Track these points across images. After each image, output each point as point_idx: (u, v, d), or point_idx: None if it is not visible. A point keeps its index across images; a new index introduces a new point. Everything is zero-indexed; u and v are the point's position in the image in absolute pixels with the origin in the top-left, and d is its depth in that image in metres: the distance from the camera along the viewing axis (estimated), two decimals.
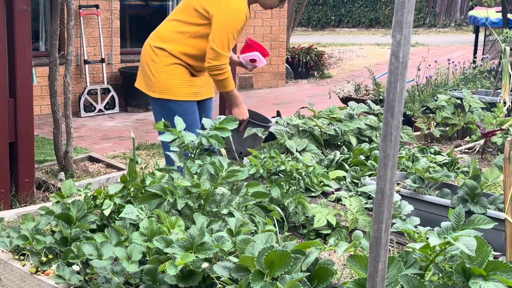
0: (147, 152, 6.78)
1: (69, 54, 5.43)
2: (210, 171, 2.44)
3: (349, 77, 11.34)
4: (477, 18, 10.13)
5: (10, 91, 4.42)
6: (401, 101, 1.40)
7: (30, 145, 4.55)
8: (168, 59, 3.60)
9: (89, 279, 2.06)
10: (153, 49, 3.65)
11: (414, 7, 1.36)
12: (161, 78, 3.61)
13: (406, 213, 2.44)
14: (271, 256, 1.75)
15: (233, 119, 2.81)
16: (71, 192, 2.42)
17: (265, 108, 9.15)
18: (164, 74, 3.60)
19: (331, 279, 1.80)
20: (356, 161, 3.33)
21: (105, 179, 5.21)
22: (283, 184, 2.71)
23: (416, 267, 1.81)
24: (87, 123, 8.50)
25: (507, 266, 1.71)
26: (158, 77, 3.62)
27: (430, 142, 4.42)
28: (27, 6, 4.35)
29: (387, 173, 1.42)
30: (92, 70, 9.11)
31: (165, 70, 3.60)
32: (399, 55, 1.37)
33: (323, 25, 22.33)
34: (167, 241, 1.94)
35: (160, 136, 2.84)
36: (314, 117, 3.83)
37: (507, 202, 2.07)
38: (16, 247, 2.29)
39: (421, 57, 7.54)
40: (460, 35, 17.86)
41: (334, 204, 2.84)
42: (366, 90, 7.36)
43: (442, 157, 3.37)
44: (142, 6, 10.73)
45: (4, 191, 4.40)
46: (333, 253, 2.46)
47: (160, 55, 3.61)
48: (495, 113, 4.27)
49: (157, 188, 2.29)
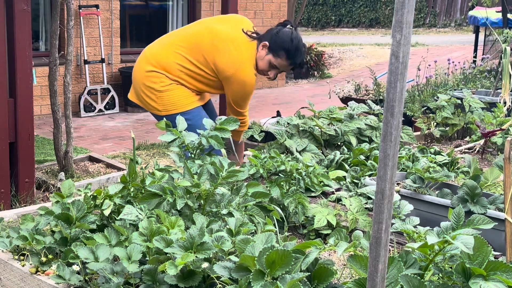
0: (147, 152, 6.78)
1: (69, 54, 5.43)
2: (210, 171, 2.44)
3: (349, 77, 11.34)
4: (477, 18, 10.13)
5: (10, 91, 4.42)
6: (401, 101, 1.40)
7: (30, 145, 4.56)
8: (168, 80, 3.54)
9: (89, 279, 2.06)
10: (148, 75, 3.56)
11: (414, 7, 1.36)
12: (164, 97, 3.54)
13: (405, 213, 2.44)
14: (272, 256, 1.75)
15: (233, 119, 2.81)
16: (71, 192, 2.42)
17: (265, 108, 9.15)
18: (166, 92, 3.54)
19: (331, 279, 1.80)
20: (356, 161, 3.33)
21: (105, 179, 5.21)
22: (283, 184, 2.71)
23: (416, 267, 1.81)
24: (87, 123, 8.50)
25: (507, 266, 1.71)
26: (160, 98, 3.54)
27: (430, 142, 4.42)
28: (27, 6, 4.35)
29: (387, 173, 1.42)
30: (92, 70, 9.11)
31: (166, 89, 3.54)
32: (399, 55, 1.37)
33: (323, 25, 22.33)
34: (167, 241, 1.94)
35: (160, 136, 2.84)
36: (314, 117, 3.83)
37: (507, 202, 2.07)
38: (16, 247, 2.29)
39: (421, 57, 7.55)
40: (460, 35, 17.86)
41: (334, 204, 2.84)
42: (366, 90, 7.36)
43: (442, 157, 3.37)
44: (142, 6, 10.73)
45: (4, 191, 4.41)
46: (333, 253, 2.46)
47: (159, 77, 3.54)
48: (495, 113, 4.27)
49: (157, 187, 2.29)
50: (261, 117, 6.66)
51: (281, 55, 3.43)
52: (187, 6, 10.39)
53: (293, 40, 3.44)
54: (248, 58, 3.46)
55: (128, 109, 9.24)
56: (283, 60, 3.44)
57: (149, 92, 3.57)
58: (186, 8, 10.41)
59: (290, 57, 3.44)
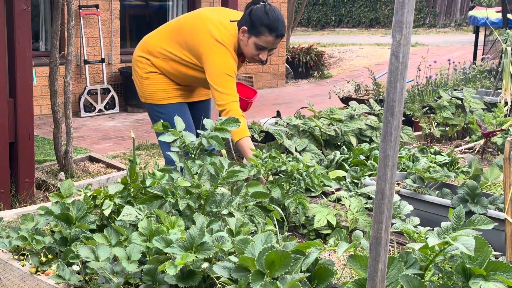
0: (147, 152, 6.78)
1: (70, 54, 5.43)
2: (210, 171, 2.44)
3: (349, 77, 11.34)
4: (477, 18, 10.12)
5: (10, 91, 4.42)
6: (401, 101, 1.40)
7: (30, 145, 4.55)
8: (150, 68, 3.58)
9: (89, 279, 2.06)
10: (136, 59, 3.65)
11: (414, 7, 1.36)
12: (144, 84, 3.61)
13: (405, 213, 2.44)
14: (271, 256, 1.75)
15: (234, 120, 2.80)
16: (71, 192, 2.41)
17: (265, 108, 9.15)
18: (146, 80, 3.59)
19: (331, 279, 1.80)
20: (356, 161, 3.33)
21: (105, 179, 5.21)
22: (283, 184, 2.71)
23: (416, 267, 1.81)
24: (87, 123, 8.50)
25: (507, 266, 1.71)
26: (141, 84, 3.62)
27: (430, 142, 4.42)
28: (27, 6, 4.35)
29: (387, 173, 1.42)
30: (92, 70, 9.11)
31: (146, 76, 3.58)
32: (399, 55, 1.37)
33: (323, 25, 22.32)
34: (167, 241, 1.94)
35: (161, 137, 2.83)
36: (315, 117, 3.83)
37: (507, 202, 2.07)
38: (16, 247, 2.29)
39: (421, 57, 7.54)
40: (460, 35, 17.86)
41: (334, 204, 2.84)
42: (366, 90, 7.36)
43: (442, 157, 3.37)
44: (142, 6, 10.73)
45: (4, 191, 4.40)
46: (333, 253, 2.46)
47: (144, 62, 3.60)
48: (495, 113, 4.27)
49: (158, 189, 2.29)
50: (261, 117, 6.65)
51: (263, 32, 3.38)
52: (187, 6, 10.39)
53: (268, 13, 3.39)
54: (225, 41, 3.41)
55: (128, 109, 9.24)
56: (267, 36, 3.38)
57: (135, 76, 3.69)
58: (186, 8, 10.41)
59: (272, 30, 3.38)
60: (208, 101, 3.88)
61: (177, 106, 3.60)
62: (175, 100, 3.60)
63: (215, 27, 3.42)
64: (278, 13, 3.44)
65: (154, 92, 3.59)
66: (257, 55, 3.45)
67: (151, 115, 3.70)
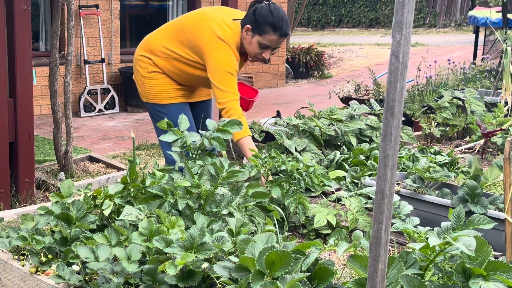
0: (147, 152, 6.78)
1: (70, 54, 5.42)
2: (210, 171, 2.44)
3: (349, 77, 11.34)
4: (477, 18, 10.12)
5: (10, 91, 4.42)
6: (401, 101, 1.40)
7: (30, 145, 4.55)
8: (152, 67, 3.58)
9: (89, 279, 2.06)
10: (138, 58, 3.65)
11: (414, 7, 1.36)
12: (145, 83, 3.61)
13: (405, 213, 2.44)
14: (271, 256, 1.75)
15: (237, 122, 2.80)
16: (70, 192, 2.41)
17: (265, 108, 9.15)
18: (148, 80, 3.59)
19: (331, 279, 1.80)
20: (356, 161, 3.33)
21: (105, 179, 5.21)
22: (283, 184, 2.71)
23: (416, 267, 1.81)
24: (87, 123, 8.50)
25: (507, 266, 1.71)
26: (143, 83, 3.62)
27: (430, 142, 4.42)
28: (27, 6, 4.35)
29: (387, 173, 1.42)
30: (92, 70, 9.11)
31: (148, 76, 3.58)
32: (399, 55, 1.37)
33: (323, 25, 22.33)
34: (167, 241, 1.94)
35: (162, 136, 2.83)
36: (315, 117, 3.83)
37: (507, 202, 2.07)
38: (15, 247, 2.29)
39: (421, 57, 7.54)
40: (460, 35, 17.86)
41: (334, 204, 2.84)
42: (366, 90, 7.36)
43: (442, 157, 3.37)
44: (142, 6, 10.73)
45: (4, 191, 4.40)
46: (333, 253, 2.46)
47: (146, 62, 3.60)
48: (495, 113, 4.27)
49: (157, 188, 2.29)
50: (261, 117, 6.66)
51: (267, 31, 3.37)
52: (187, 6, 10.39)
53: (272, 12, 3.39)
54: (228, 39, 3.41)
55: (128, 109, 9.24)
56: (271, 35, 3.38)
57: (137, 75, 3.68)
58: (186, 8, 10.41)
59: (277, 29, 3.38)
60: (209, 101, 3.88)
61: (178, 106, 3.61)
62: (177, 100, 3.61)
63: (217, 25, 3.42)
64: (283, 12, 3.44)
65: (155, 92, 3.59)
66: (260, 54, 3.45)
67: (152, 115, 3.70)
